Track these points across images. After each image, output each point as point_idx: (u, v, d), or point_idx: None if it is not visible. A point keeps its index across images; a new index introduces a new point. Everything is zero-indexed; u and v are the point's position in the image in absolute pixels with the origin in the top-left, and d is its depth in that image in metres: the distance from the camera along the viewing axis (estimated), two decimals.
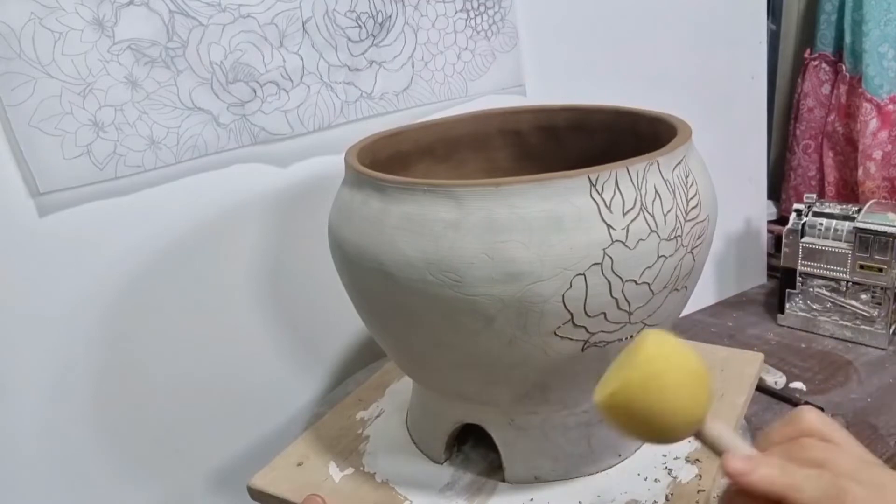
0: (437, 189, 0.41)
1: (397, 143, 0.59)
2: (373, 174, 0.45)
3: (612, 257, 0.40)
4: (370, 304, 0.48)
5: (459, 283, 0.41)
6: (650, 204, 0.41)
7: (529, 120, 0.62)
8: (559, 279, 0.40)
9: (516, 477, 0.51)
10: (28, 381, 0.56)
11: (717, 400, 0.57)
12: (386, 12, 0.68)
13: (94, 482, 0.61)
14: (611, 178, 0.40)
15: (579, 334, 0.42)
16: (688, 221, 0.43)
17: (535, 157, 0.63)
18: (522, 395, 0.47)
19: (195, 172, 0.61)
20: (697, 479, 0.49)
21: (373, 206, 0.44)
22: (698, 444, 0.50)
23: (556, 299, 0.40)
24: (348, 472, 0.54)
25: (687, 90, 0.92)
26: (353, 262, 0.46)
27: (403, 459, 0.55)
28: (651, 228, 0.41)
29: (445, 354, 0.46)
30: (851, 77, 1.06)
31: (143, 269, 0.60)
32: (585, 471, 0.51)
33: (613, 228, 0.40)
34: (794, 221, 0.93)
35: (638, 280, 0.41)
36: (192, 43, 0.58)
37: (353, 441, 0.58)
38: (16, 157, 0.52)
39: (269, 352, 0.70)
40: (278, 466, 0.55)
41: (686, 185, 0.43)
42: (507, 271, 0.40)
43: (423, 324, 0.44)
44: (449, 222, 0.41)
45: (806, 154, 1.16)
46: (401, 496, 0.51)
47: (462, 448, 0.55)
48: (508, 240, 0.40)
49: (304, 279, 0.71)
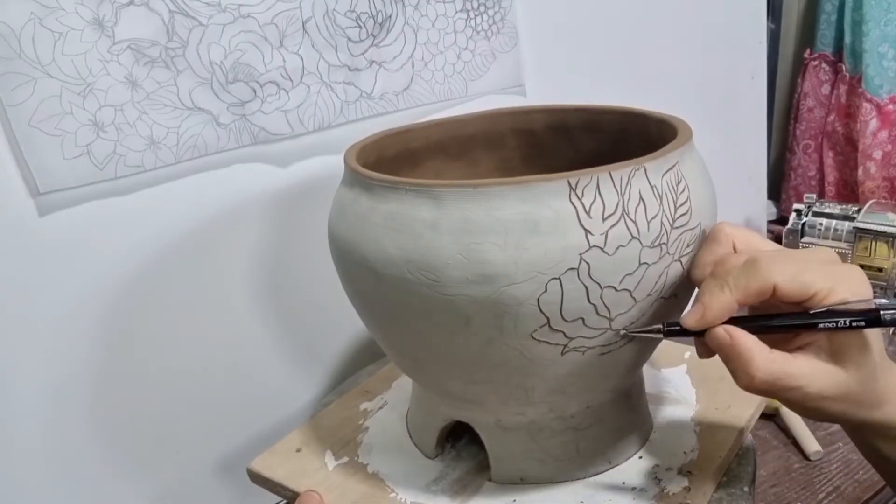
0: (418, 188, 0.41)
1: (406, 141, 0.59)
2: (363, 172, 0.45)
3: (590, 263, 0.40)
4: (362, 301, 0.48)
5: (437, 283, 0.41)
6: (633, 210, 0.40)
7: (542, 119, 0.62)
8: (534, 282, 0.40)
9: (502, 477, 0.51)
10: (27, 380, 0.56)
11: (723, 412, 0.56)
12: (386, 12, 0.68)
13: (93, 481, 0.61)
14: (592, 183, 0.40)
15: (557, 338, 0.42)
16: (675, 229, 0.42)
17: (547, 157, 0.63)
18: (506, 395, 0.47)
19: (195, 172, 0.61)
20: (685, 491, 0.48)
21: (362, 204, 0.45)
22: (694, 458, 0.51)
23: (531, 302, 0.40)
24: (342, 462, 0.55)
25: (687, 90, 0.92)
26: (346, 259, 0.46)
27: (397, 452, 0.55)
28: (632, 235, 0.40)
29: (429, 352, 0.46)
30: (851, 77, 1.06)
31: (142, 269, 0.60)
32: (573, 476, 0.51)
33: (591, 233, 0.40)
34: (794, 221, 0.93)
35: (618, 287, 0.41)
36: (192, 43, 0.58)
37: (353, 431, 0.58)
38: (15, 157, 0.52)
39: (269, 351, 0.70)
40: (278, 451, 0.56)
41: (676, 191, 0.43)
42: (482, 272, 0.40)
43: (406, 322, 0.45)
44: (427, 222, 0.41)
45: (806, 154, 1.16)
46: (388, 488, 0.51)
47: (456, 445, 0.55)
48: (483, 241, 0.40)
49: (304, 279, 0.71)
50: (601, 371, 0.46)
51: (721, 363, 0.40)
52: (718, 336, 0.39)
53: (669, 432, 0.55)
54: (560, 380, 0.45)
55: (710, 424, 0.55)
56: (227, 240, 0.65)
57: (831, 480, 0.68)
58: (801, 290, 0.37)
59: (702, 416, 0.56)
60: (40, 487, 0.58)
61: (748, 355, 0.37)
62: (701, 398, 0.58)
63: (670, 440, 0.54)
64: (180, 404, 0.65)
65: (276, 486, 0.54)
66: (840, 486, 0.67)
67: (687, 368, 0.63)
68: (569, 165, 0.57)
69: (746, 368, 0.37)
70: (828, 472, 0.69)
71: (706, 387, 0.59)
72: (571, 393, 0.47)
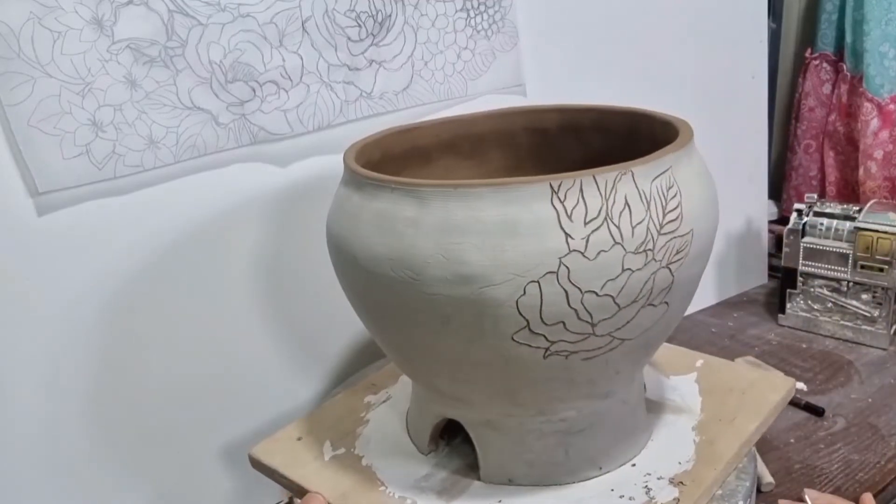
0: (403, 187, 0.42)
1: (414, 138, 0.59)
2: (354, 169, 0.46)
3: (569, 267, 0.39)
4: (355, 298, 0.49)
5: (417, 281, 0.41)
6: (617, 214, 0.40)
7: (555, 118, 0.62)
8: (511, 285, 0.40)
9: (490, 477, 0.51)
10: (26, 379, 0.56)
11: (728, 424, 0.54)
12: (386, 11, 0.68)
13: (91, 481, 0.61)
14: (574, 186, 0.40)
15: (538, 342, 0.42)
16: (662, 235, 0.41)
17: (558, 156, 0.63)
18: (491, 394, 0.47)
19: (194, 172, 0.61)
20: (675, 502, 0.47)
21: (354, 202, 0.46)
22: (688, 468, 0.50)
23: (510, 305, 0.40)
24: (339, 453, 0.55)
25: (687, 90, 0.92)
26: (339, 256, 0.47)
27: (393, 447, 0.56)
28: (615, 240, 0.40)
29: (415, 350, 0.47)
30: (852, 76, 1.06)
31: (141, 269, 0.60)
32: (561, 480, 0.50)
33: (572, 237, 0.39)
34: (795, 221, 0.92)
35: (599, 292, 0.40)
36: (191, 42, 0.58)
37: (354, 423, 0.59)
38: (15, 157, 0.52)
39: (269, 351, 0.70)
40: (280, 438, 0.57)
41: (666, 196, 0.42)
42: (460, 273, 0.40)
43: (393, 319, 0.45)
44: (410, 220, 0.41)
45: (807, 154, 1.16)
46: (379, 481, 0.52)
47: (451, 443, 0.55)
48: (462, 241, 0.40)
49: (303, 278, 0.71)
50: (587, 376, 0.45)
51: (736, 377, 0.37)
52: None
53: (667, 441, 0.54)
54: (544, 383, 0.45)
55: (711, 435, 0.53)
56: (226, 239, 0.65)
57: (832, 481, 0.68)
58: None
59: (704, 427, 0.55)
60: (39, 486, 0.58)
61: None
62: (706, 408, 0.57)
63: (666, 449, 0.53)
64: (180, 403, 0.65)
65: (274, 473, 0.54)
66: (841, 487, 0.67)
67: (697, 377, 0.61)
68: (581, 165, 0.57)
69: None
70: (828, 473, 0.69)
71: (714, 397, 0.58)
72: (559, 396, 0.47)
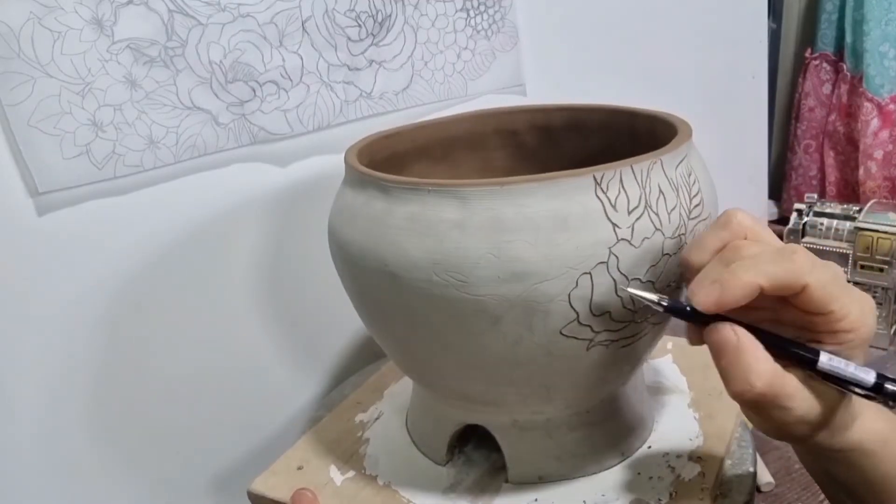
0: (442, 189, 0.41)
1: (394, 144, 0.59)
2: (376, 175, 0.45)
3: (618, 256, 0.40)
4: (373, 306, 0.47)
5: (465, 284, 0.41)
6: (654, 202, 0.41)
7: (526, 120, 0.62)
8: (565, 278, 0.40)
9: (520, 477, 0.51)
10: (26, 380, 0.56)
11: (718, 398, 0.57)
12: (386, 11, 0.68)
13: (91, 482, 0.61)
14: (615, 177, 0.40)
15: (584, 333, 0.42)
16: (691, 219, 0.43)
17: (531, 158, 0.63)
18: (527, 395, 0.47)
19: (194, 172, 0.61)
20: (701, 476, 0.49)
21: (376, 207, 0.44)
22: (700, 443, 0.52)
23: (562, 298, 0.40)
24: (349, 475, 0.53)
25: (687, 89, 0.92)
26: (356, 264, 0.45)
27: (405, 461, 0.54)
28: (656, 227, 0.41)
29: (450, 356, 0.46)
30: (852, 76, 1.06)
31: (142, 269, 0.60)
32: (589, 470, 0.51)
33: (619, 227, 0.40)
34: (795, 221, 0.93)
35: (643, 279, 0.41)
36: (191, 42, 0.58)
37: (354, 444, 0.57)
38: (14, 157, 0.52)
39: (269, 352, 0.70)
40: (278, 471, 0.55)
41: (689, 183, 0.43)
42: (514, 271, 0.40)
43: (427, 325, 0.44)
44: (454, 222, 0.41)
45: (807, 154, 1.16)
46: (404, 498, 0.51)
47: (464, 449, 0.55)
48: (514, 239, 0.40)
49: (303, 279, 0.71)
50: (618, 364, 0.47)
51: (706, 352, 0.36)
52: (723, 332, 0.34)
53: (671, 421, 0.56)
54: (581, 375, 0.46)
55: (708, 410, 0.56)
56: (226, 239, 0.65)
57: None
58: (826, 300, 0.34)
59: (698, 403, 0.57)
60: (37, 488, 0.58)
61: (751, 361, 0.33)
62: (693, 385, 0.60)
63: (674, 428, 0.55)
64: (179, 404, 0.65)
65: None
66: None
67: (672, 358, 0.64)
68: (554, 166, 0.57)
69: (746, 375, 0.33)
70: None
71: (694, 374, 0.61)
72: (589, 387, 0.48)
